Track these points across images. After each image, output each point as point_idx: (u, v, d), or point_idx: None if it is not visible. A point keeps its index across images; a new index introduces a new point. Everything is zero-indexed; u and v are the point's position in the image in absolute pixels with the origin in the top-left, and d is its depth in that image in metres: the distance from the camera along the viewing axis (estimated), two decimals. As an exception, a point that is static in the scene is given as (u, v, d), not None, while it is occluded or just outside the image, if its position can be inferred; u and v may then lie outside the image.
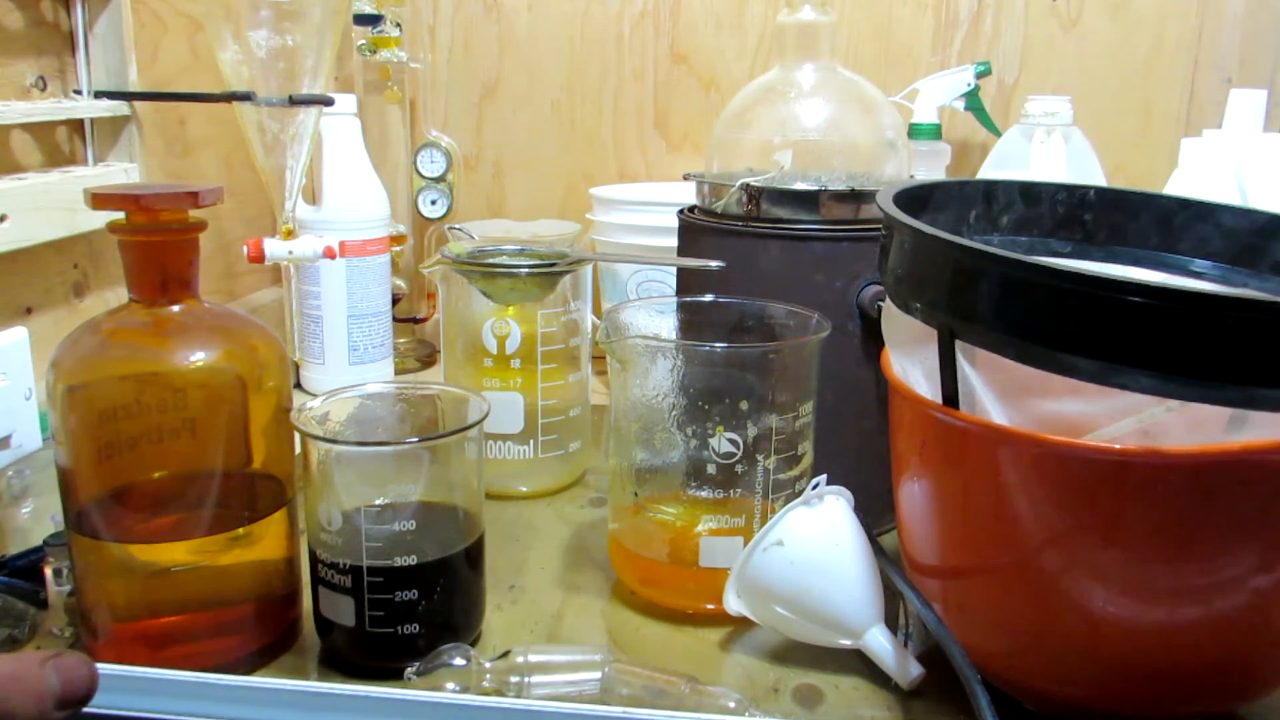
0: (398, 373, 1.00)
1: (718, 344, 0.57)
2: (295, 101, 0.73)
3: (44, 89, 0.73)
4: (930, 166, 0.99)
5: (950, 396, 0.43)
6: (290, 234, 0.76)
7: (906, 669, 0.49)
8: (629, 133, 1.11)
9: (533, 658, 0.47)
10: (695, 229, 0.66)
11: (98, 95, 0.75)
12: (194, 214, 0.49)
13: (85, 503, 0.48)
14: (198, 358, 0.48)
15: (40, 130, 0.72)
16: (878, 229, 0.49)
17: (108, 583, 0.49)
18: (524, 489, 0.73)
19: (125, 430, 0.47)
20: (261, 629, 0.51)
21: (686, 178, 0.71)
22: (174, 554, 0.49)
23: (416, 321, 1.08)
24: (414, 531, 0.49)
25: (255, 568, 0.51)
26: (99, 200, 0.47)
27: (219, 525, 0.50)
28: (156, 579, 0.49)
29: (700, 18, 1.08)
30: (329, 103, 0.76)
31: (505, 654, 0.48)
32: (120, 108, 0.76)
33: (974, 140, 1.07)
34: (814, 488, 0.51)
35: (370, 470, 0.51)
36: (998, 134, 0.99)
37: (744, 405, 0.53)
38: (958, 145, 1.06)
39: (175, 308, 0.49)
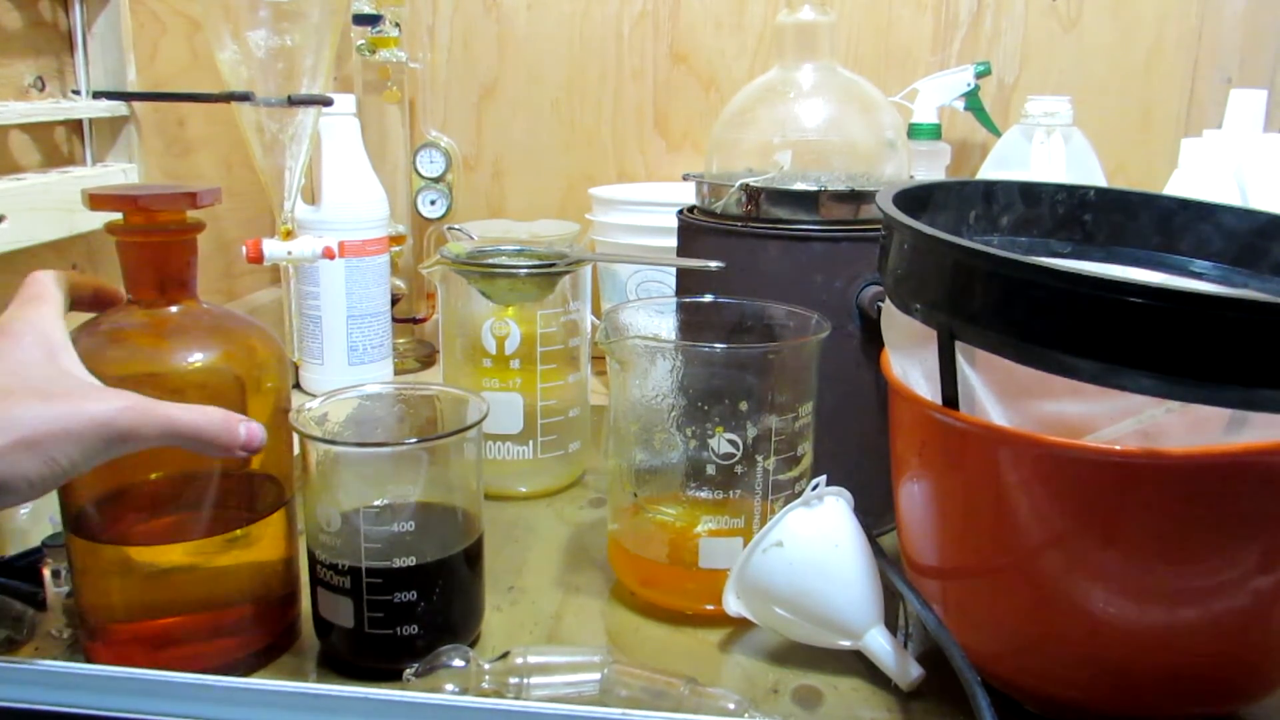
0: (397, 373, 1.00)
1: (717, 344, 0.57)
2: (294, 102, 0.73)
3: (42, 89, 0.72)
4: (930, 166, 0.99)
5: (950, 397, 0.43)
6: (289, 234, 0.76)
7: (906, 670, 0.48)
8: (629, 133, 1.11)
9: (532, 659, 0.47)
10: (695, 229, 0.66)
11: (96, 95, 0.75)
12: (192, 214, 0.49)
13: (83, 504, 0.48)
14: (196, 358, 0.48)
15: (38, 130, 0.72)
16: (877, 229, 0.49)
17: (106, 584, 0.49)
18: (523, 489, 0.73)
19: None
20: (260, 630, 0.51)
21: (686, 178, 0.71)
22: (172, 556, 0.49)
23: (416, 322, 1.08)
24: (413, 532, 0.49)
25: (253, 569, 0.51)
26: (96, 201, 0.47)
27: (217, 527, 0.49)
28: (154, 580, 0.49)
29: (700, 18, 1.07)
30: (328, 103, 0.76)
31: (504, 655, 0.48)
32: (119, 108, 0.76)
33: (974, 140, 1.07)
34: (814, 488, 0.51)
35: (369, 471, 0.51)
36: (997, 134, 0.99)
37: (743, 406, 0.53)
38: (957, 145, 1.06)
39: (173, 308, 0.49)
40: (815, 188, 0.62)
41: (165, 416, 0.42)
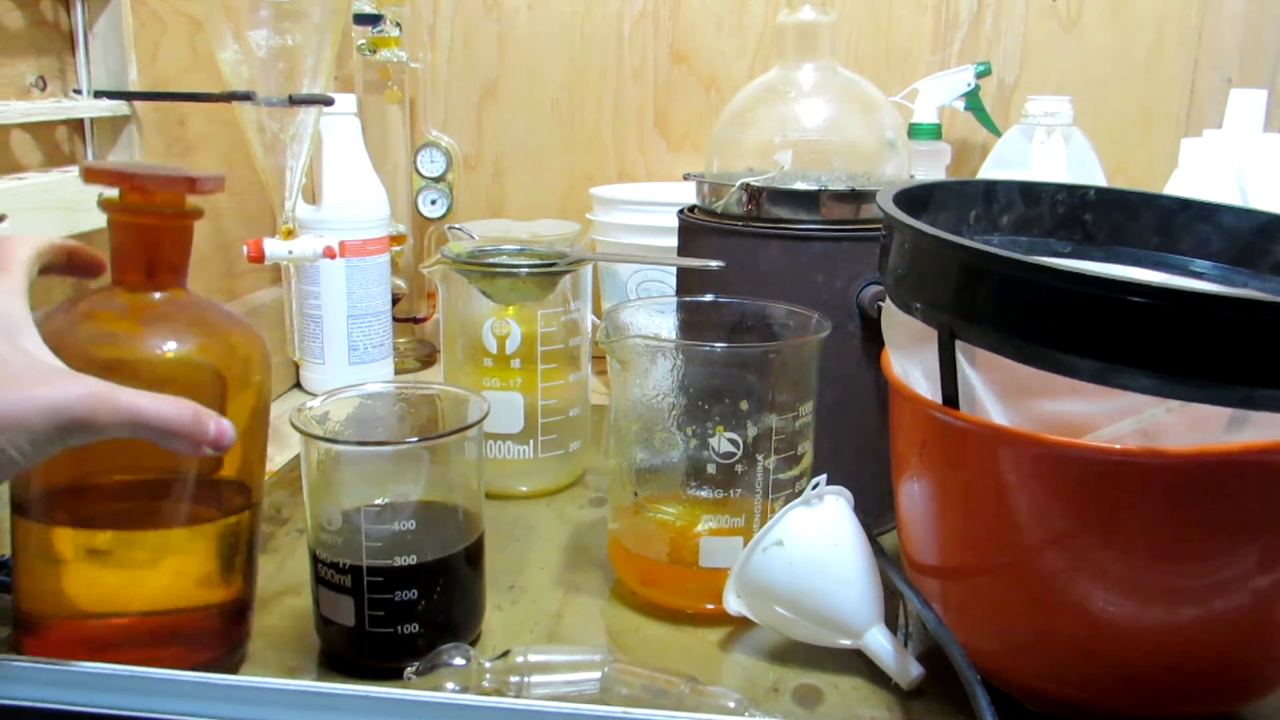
0: (398, 373, 1.00)
1: (718, 344, 0.57)
2: (295, 101, 0.73)
3: (44, 89, 0.72)
4: (930, 166, 0.99)
5: (950, 396, 0.43)
6: (290, 234, 0.76)
7: (906, 669, 0.49)
8: (629, 133, 1.11)
9: (532, 657, 0.47)
10: (695, 229, 0.66)
11: (97, 95, 0.75)
12: (191, 202, 0.47)
13: (35, 489, 0.46)
14: (171, 348, 0.46)
15: (40, 130, 0.72)
16: (878, 229, 0.49)
17: (48, 573, 0.47)
18: (524, 489, 0.73)
19: None
20: (209, 641, 0.49)
21: (686, 178, 0.71)
22: (125, 552, 0.47)
23: (416, 321, 1.08)
24: (414, 531, 0.49)
25: (208, 575, 0.49)
26: (91, 175, 0.45)
27: (173, 521, 0.47)
28: (98, 576, 0.47)
29: (700, 18, 1.07)
30: (329, 102, 0.76)
31: (505, 654, 0.48)
32: (120, 107, 0.76)
33: (974, 140, 1.07)
34: (814, 488, 0.51)
35: (370, 470, 0.51)
36: (998, 134, 0.99)
37: (744, 405, 0.53)
38: (958, 145, 1.06)
39: (157, 294, 0.46)
40: (816, 187, 0.63)
41: (129, 405, 0.39)
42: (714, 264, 0.62)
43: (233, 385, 0.47)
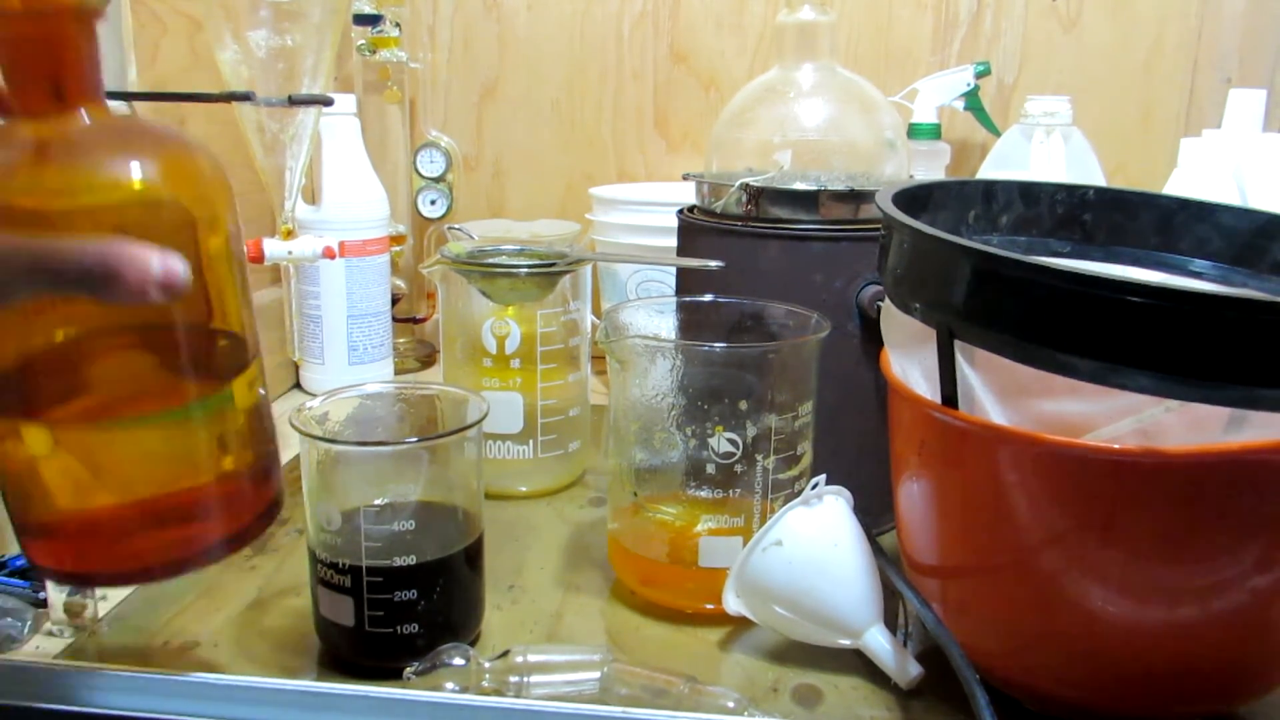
0: (397, 373, 1.00)
1: (717, 344, 0.57)
2: (295, 101, 0.73)
3: (43, 89, 0.72)
4: (929, 166, 0.99)
5: (949, 396, 0.43)
6: (289, 234, 0.76)
7: (905, 669, 0.49)
8: (629, 133, 1.11)
9: (532, 657, 0.47)
10: (695, 229, 0.66)
11: (97, 95, 0.75)
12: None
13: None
14: (112, 182, 0.37)
15: (40, 130, 0.72)
16: (877, 229, 0.49)
17: (39, 470, 0.40)
18: (523, 489, 0.73)
19: None
20: (232, 513, 0.43)
21: (686, 178, 0.71)
22: (115, 433, 0.40)
23: (416, 321, 1.08)
24: (413, 531, 0.49)
25: (214, 443, 0.42)
26: None
27: (162, 399, 0.40)
28: (96, 462, 0.41)
29: (700, 18, 1.07)
30: (328, 103, 0.76)
31: (504, 654, 0.48)
32: (120, 108, 0.76)
33: (973, 140, 1.07)
34: (813, 488, 0.51)
35: (369, 470, 0.51)
36: (997, 134, 0.99)
37: (743, 405, 0.53)
38: (957, 145, 1.06)
39: (82, 115, 0.37)
40: (815, 187, 0.63)
41: (41, 254, 0.31)
42: (714, 264, 0.62)
43: (202, 223, 0.39)
